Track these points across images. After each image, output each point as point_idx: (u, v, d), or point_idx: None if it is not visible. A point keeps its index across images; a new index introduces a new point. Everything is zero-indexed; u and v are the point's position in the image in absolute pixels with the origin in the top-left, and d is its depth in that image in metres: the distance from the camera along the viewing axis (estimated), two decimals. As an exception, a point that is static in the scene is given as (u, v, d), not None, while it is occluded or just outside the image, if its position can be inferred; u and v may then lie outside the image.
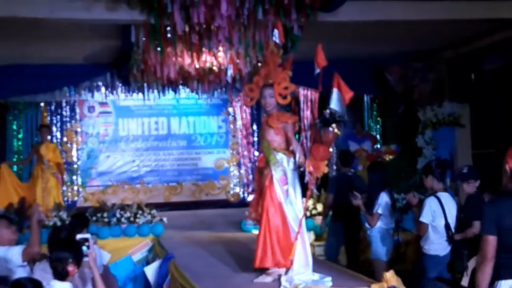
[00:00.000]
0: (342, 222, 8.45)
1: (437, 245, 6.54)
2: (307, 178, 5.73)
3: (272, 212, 5.73)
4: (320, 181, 5.81)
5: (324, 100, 5.70)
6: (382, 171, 7.67)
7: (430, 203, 6.55)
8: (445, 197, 6.62)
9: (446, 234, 6.53)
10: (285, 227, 5.73)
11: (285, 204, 5.74)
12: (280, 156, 5.81)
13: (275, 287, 5.56)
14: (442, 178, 6.80)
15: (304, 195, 6.01)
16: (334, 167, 11.98)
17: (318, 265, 6.06)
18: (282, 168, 5.77)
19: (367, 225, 7.51)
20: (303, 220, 5.87)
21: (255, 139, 10.20)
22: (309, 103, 5.71)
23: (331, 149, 6.46)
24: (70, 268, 4.41)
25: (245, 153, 6.36)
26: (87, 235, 4.69)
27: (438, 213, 6.51)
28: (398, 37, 9.63)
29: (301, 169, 5.75)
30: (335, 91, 5.61)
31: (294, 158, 5.80)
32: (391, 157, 11.61)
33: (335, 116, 5.55)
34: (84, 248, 4.60)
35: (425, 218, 6.51)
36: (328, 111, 5.58)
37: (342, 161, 8.92)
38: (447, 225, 6.51)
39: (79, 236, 4.69)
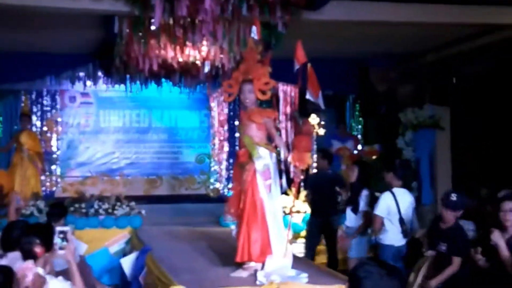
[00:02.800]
0: (320, 220, 8.52)
1: (391, 235, 6.77)
2: (292, 173, 5.79)
3: (253, 207, 5.75)
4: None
5: (304, 97, 5.75)
6: (366, 171, 7.80)
7: (385, 198, 6.77)
8: (400, 192, 6.89)
9: (401, 228, 6.76)
10: (263, 223, 5.76)
11: (267, 200, 5.77)
12: (263, 150, 5.83)
13: (251, 281, 5.58)
14: (402, 177, 7.14)
15: (289, 189, 6.06)
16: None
17: (296, 261, 6.09)
18: (265, 163, 5.79)
19: (346, 223, 7.61)
20: (281, 216, 5.93)
21: (237, 135, 10.21)
22: (288, 99, 5.75)
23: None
24: (38, 249, 4.41)
25: (226, 148, 6.38)
26: (66, 228, 4.66)
27: (392, 207, 6.74)
28: (382, 39, 9.67)
29: (286, 163, 5.79)
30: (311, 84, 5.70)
31: (277, 153, 5.83)
32: (374, 157, 11.68)
33: (314, 106, 5.63)
34: (59, 240, 4.57)
35: (379, 211, 6.74)
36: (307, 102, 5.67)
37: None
38: (401, 219, 6.76)
39: (58, 229, 4.66)
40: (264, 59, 5.98)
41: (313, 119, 11.78)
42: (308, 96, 5.73)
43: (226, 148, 6.37)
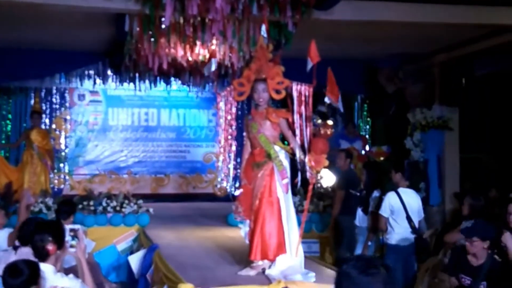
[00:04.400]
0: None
1: (397, 235, 6.78)
2: (308, 174, 5.79)
3: (270, 206, 5.76)
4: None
5: (317, 97, 5.75)
6: (378, 172, 7.82)
7: (389, 199, 6.79)
8: (406, 192, 6.92)
9: (409, 225, 6.78)
10: (279, 222, 5.77)
11: (283, 199, 5.78)
12: (279, 149, 5.85)
13: (259, 280, 5.58)
14: (409, 177, 7.30)
15: (305, 190, 6.07)
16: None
17: (304, 261, 6.08)
18: (282, 162, 5.80)
19: (356, 223, 7.63)
20: (294, 216, 5.94)
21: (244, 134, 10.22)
22: (303, 98, 5.75)
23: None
24: (50, 247, 4.41)
25: (233, 148, 6.38)
26: (77, 226, 4.69)
27: (397, 207, 6.76)
28: (392, 39, 9.66)
29: (300, 164, 5.79)
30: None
31: (293, 154, 5.84)
32: (382, 158, 11.67)
33: (333, 109, 5.66)
34: (69, 238, 4.60)
35: (382, 211, 6.75)
36: (325, 105, 5.67)
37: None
38: (408, 217, 6.76)
39: (69, 227, 4.69)
40: (275, 58, 5.98)
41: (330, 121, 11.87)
42: (327, 100, 5.72)
43: (234, 147, 6.37)
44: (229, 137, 6.33)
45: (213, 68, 7.10)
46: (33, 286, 3.98)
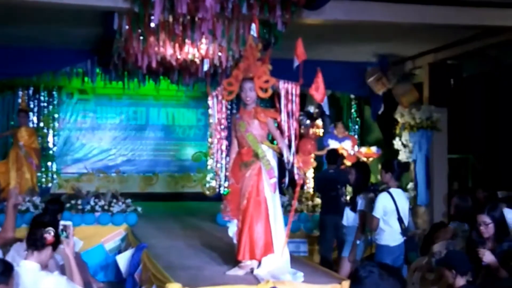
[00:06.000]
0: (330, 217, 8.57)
1: (387, 235, 6.80)
2: (296, 174, 5.79)
3: (257, 205, 5.75)
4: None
5: (305, 97, 5.75)
6: (366, 171, 7.82)
7: (381, 199, 6.80)
8: (398, 192, 6.93)
9: (400, 227, 6.80)
10: (267, 221, 5.76)
11: (271, 198, 5.78)
12: (266, 149, 5.84)
13: (247, 280, 5.58)
14: (399, 177, 7.21)
15: (281, 191, 6.07)
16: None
17: (292, 261, 6.08)
18: (270, 161, 5.80)
19: (343, 222, 7.64)
20: (281, 215, 5.93)
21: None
22: (290, 97, 5.75)
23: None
24: (49, 237, 4.39)
25: (222, 147, 6.38)
26: (69, 222, 4.67)
27: (390, 207, 6.78)
28: (380, 39, 9.69)
29: (289, 165, 5.79)
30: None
31: (280, 154, 5.83)
32: (371, 158, 11.70)
33: (322, 110, 5.67)
34: (62, 234, 4.58)
35: (376, 212, 6.76)
36: (313, 106, 5.68)
37: (329, 159, 9.09)
38: (400, 219, 6.79)
39: (61, 223, 4.67)
40: (264, 57, 5.98)
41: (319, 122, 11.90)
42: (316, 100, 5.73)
43: (224, 146, 6.36)
44: (219, 136, 6.33)
45: (206, 68, 7.10)
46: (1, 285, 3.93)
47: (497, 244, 5.36)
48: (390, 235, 6.85)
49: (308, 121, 11.12)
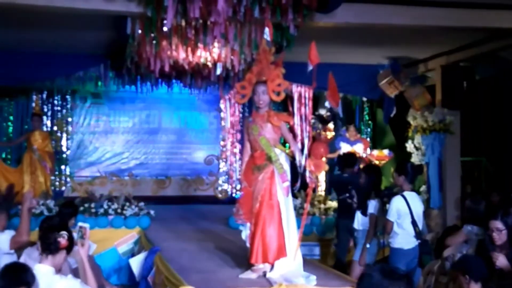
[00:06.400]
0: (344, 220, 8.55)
1: (401, 239, 6.78)
2: (308, 178, 5.80)
3: (270, 209, 5.76)
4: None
5: (317, 100, 5.76)
6: (377, 174, 7.81)
7: (396, 202, 6.78)
8: (412, 196, 6.92)
9: (414, 230, 6.79)
10: (280, 225, 5.77)
11: (283, 202, 5.78)
12: (279, 152, 5.85)
13: (260, 283, 5.58)
14: (413, 180, 7.21)
15: (293, 194, 6.07)
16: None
17: (304, 264, 6.09)
18: (283, 165, 5.81)
19: (354, 226, 7.62)
20: (293, 219, 5.94)
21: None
22: (303, 100, 5.76)
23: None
24: (63, 241, 4.40)
25: (235, 150, 6.39)
26: (86, 224, 4.69)
27: (404, 211, 6.77)
28: (392, 42, 9.68)
29: (300, 168, 5.79)
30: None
31: (293, 158, 5.84)
32: (383, 161, 11.67)
33: (333, 114, 5.68)
34: (76, 235, 4.60)
35: (390, 216, 6.75)
36: (325, 109, 5.69)
37: (345, 162, 9.10)
38: (413, 222, 6.77)
39: (80, 224, 4.69)
40: (277, 61, 5.99)
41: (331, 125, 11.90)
42: (327, 105, 5.76)
43: (237, 149, 6.38)
44: (233, 139, 6.35)
45: (219, 72, 7.14)
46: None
47: (510, 248, 5.33)
48: (404, 238, 6.83)
49: (320, 125, 11.13)
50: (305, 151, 5.77)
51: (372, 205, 7.35)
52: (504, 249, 5.29)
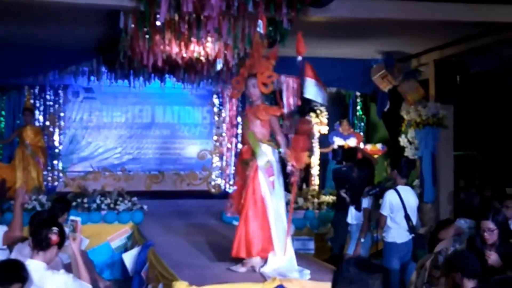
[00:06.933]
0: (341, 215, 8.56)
1: (394, 233, 6.81)
2: (288, 169, 5.79)
3: (253, 204, 5.76)
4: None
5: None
6: (370, 168, 7.82)
7: (389, 197, 6.81)
8: (405, 190, 6.95)
9: (407, 225, 6.82)
10: (264, 219, 5.76)
11: (269, 197, 5.77)
12: (266, 147, 5.84)
13: (253, 277, 5.59)
14: (406, 174, 7.26)
15: (287, 188, 6.06)
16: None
17: (298, 258, 6.09)
18: (269, 159, 5.80)
19: (348, 220, 7.63)
20: (284, 213, 5.93)
21: (239, 131, 10.19)
22: (291, 90, 5.76)
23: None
24: (54, 237, 4.38)
25: (229, 145, 6.40)
26: (78, 218, 4.67)
27: (397, 205, 6.80)
28: (386, 36, 9.67)
29: (286, 161, 5.80)
30: (308, 80, 5.68)
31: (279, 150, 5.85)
32: (376, 156, 11.68)
33: (310, 104, 5.69)
34: (68, 230, 4.58)
35: (384, 210, 6.77)
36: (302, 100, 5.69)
37: (345, 157, 9.13)
38: (407, 216, 6.80)
39: (71, 217, 4.67)
40: (269, 54, 5.98)
41: (312, 118, 11.83)
42: (308, 95, 5.73)
43: (233, 144, 6.39)
44: (230, 134, 6.36)
45: (219, 67, 7.13)
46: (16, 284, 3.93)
47: (500, 246, 5.34)
48: (397, 232, 6.86)
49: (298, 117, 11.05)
50: (285, 144, 5.79)
51: (366, 200, 7.36)
52: (495, 247, 5.31)
